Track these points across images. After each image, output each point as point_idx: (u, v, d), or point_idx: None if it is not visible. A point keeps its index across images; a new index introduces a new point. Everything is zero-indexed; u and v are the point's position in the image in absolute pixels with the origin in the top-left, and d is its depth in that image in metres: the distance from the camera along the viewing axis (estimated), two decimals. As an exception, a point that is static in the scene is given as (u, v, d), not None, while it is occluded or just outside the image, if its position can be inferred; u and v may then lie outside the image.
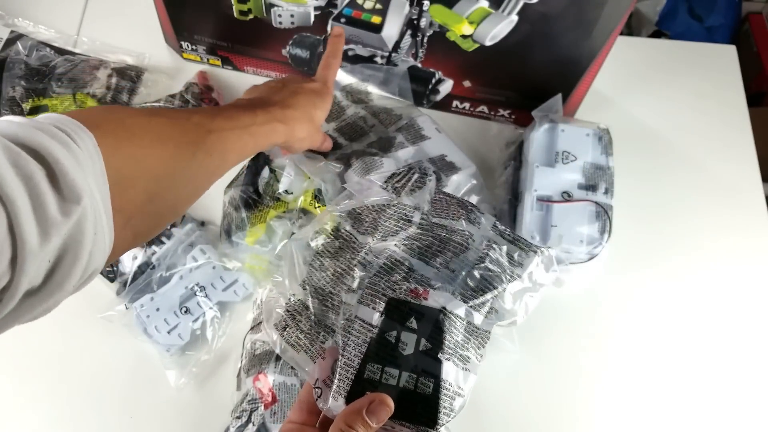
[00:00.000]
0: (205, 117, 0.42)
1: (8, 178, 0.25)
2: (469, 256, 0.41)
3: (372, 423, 0.35)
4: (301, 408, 0.41)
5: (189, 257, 0.63)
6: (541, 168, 0.64)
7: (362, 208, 0.45)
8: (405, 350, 0.38)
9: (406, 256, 0.41)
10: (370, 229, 0.43)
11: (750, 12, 1.47)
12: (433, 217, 0.44)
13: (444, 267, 0.40)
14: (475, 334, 0.41)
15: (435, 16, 0.63)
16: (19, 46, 0.78)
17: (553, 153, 0.65)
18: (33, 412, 0.60)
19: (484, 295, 0.41)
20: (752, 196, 0.72)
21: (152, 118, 0.37)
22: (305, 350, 0.42)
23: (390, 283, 0.39)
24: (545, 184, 0.63)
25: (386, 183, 0.49)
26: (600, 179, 0.64)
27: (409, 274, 0.40)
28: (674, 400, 0.61)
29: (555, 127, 0.66)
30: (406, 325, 0.38)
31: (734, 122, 0.76)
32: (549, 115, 0.67)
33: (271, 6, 0.67)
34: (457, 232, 0.42)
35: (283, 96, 0.52)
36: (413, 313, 0.38)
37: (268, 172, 0.64)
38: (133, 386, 0.61)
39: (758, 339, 0.64)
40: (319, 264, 0.44)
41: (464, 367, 0.39)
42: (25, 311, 0.28)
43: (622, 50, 0.66)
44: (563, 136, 0.65)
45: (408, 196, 0.47)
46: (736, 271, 0.67)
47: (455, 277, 0.40)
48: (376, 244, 0.42)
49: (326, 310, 0.43)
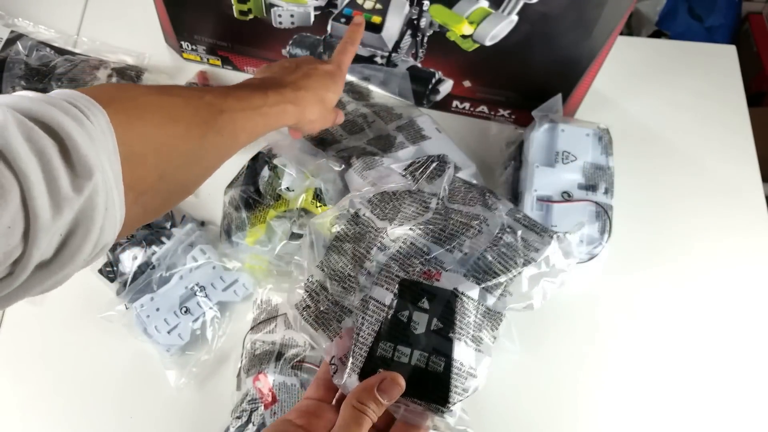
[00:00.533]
0: (217, 97, 0.41)
1: (22, 153, 0.26)
2: (483, 240, 0.41)
3: (383, 400, 0.36)
4: (318, 385, 0.42)
5: (189, 257, 0.63)
6: (541, 168, 0.64)
7: (382, 194, 0.45)
8: (417, 329, 0.38)
9: (421, 240, 0.42)
10: (389, 214, 0.44)
11: (750, 12, 1.47)
12: (449, 203, 0.44)
13: (458, 250, 0.41)
14: (488, 315, 0.41)
15: (435, 16, 0.63)
16: (19, 46, 0.78)
17: (553, 153, 0.65)
18: (33, 412, 0.60)
19: (497, 277, 0.41)
20: (752, 196, 0.72)
21: (164, 97, 0.37)
22: (323, 329, 0.42)
23: (404, 266, 0.40)
24: (545, 184, 0.63)
25: (405, 171, 0.50)
26: (600, 179, 0.64)
27: (423, 256, 0.41)
28: (674, 399, 0.61)
29: (555, 127, 0.66)
30: (418, 305, 0.39)
31: (734, 122, 0.76)
32: (549, 115, 0.67)
33: (271, 6, 0.67)
34: (472, 216, 0.43)
35: (296, 77, 0.51)
36: (425, 293, 0.39)
37: (268, 171, 0.64)
38: (133, 386, 0.61)
39: (758, 339, 0.64)
40: (339, 247, 0.45)
41: (477, 348, 0.40)
42: (35, 283, 0.29)
43: (622, 50, 0.66)
44: (563, 136, 0.65)
45: (427, 184, 0.47)
46: (736, 270, 0.67)
47: (468, 259, 0.41)
48: (394, 229, 0.43)
49: (344, 291, 0.44)
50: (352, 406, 0.36)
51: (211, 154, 0.41)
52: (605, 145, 0.66)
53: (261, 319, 0.61)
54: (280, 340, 0.59)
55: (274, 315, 0.60)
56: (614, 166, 0.65)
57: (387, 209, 0.44)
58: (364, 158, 0.60)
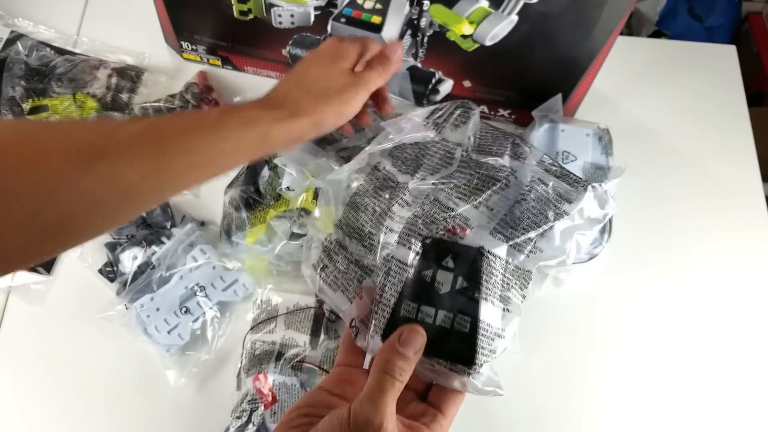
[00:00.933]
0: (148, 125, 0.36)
1: None
2: (512, 194, 0.39)
3: (408, 353, 0.34)
4: (346, 350, 0.40)
5: (189, 257, 0.63)
6: (541, 168, 0.64)
7: (403, 146, 0.42)
8: (441, 289, 0.37)
9: (445, 196, 0.39)
10: (411, 168, 0.41)
11: (750, 12, 1.47)
12: (474, 154, 0.42)
13: (484, 206, 0.38)
14: (516, 274, 0.39)
15: (435, 16, 0.63)
16: (19, 46, 0.78)
17: (553, 153, 0.65)
18: (33, 412, 0.60)
19: (527, 233, 0.38)
20: (752, 196, 0.72)
21: (37, 131, 0.33)
22: (342, 290, 0.41)
23: (427, 223, 0.38)
24: (545, 184, 0.63)
25: (427, 119, 0.46)
26: (600, 179, 0.64)
27: (447, 212, 0.38)
28: (674, 399, 0.61)
29: (555, 127, 0.66)
30: (442, 264, 0.37)
31: (734, 122, 0.76)
32: (549, 115, 0.67)
33: (271, 6, 0.67)
34: (499, 168, 0.40)
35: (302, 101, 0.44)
36: (450, 252, 0.37)
37: (268, 171, 0.64)
38: (133, 386, 0.61)
39: (758, 339, 0.64)
40: (358, 204, 0.42)
41: (505, 307, 0.38)
42: None
43: (622, 50, 0.66)
44: (563, 136, 0.65)
45: (451, 132, 0.44)
46: (736, 270, 0.67)
47: (495, 216, 0.38)
48: (415, 184, 0.40)
49: (364, 250, 0.41)
50: (380, 369, 0.34)
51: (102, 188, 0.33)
52: (605, 145, 0.66)
53: (261, 319, 0.61)
54: (280, 340, 0.59)
55: (274, 315, 0.61)
56: (614, 166, 0.65)
57: (409, 162, 0.41)
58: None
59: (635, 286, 0.66)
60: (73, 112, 0.71)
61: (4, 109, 0.72)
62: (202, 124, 0.38)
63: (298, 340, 0.58)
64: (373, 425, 0.32)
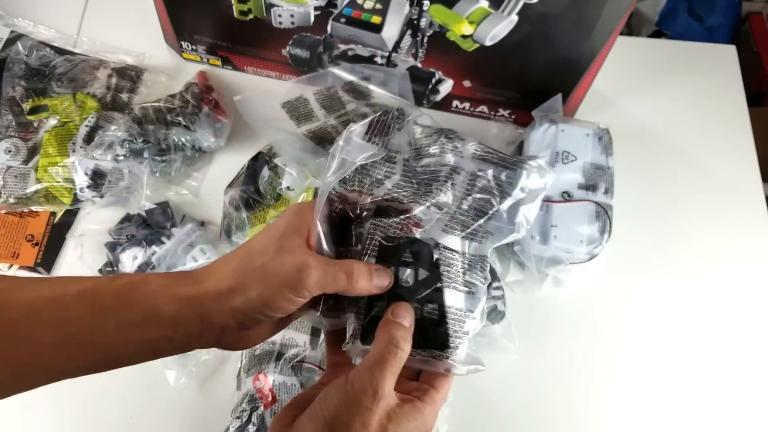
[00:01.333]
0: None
1: None
2: (458, 190, 0.41)
3: (404, 322, 0.36)
4: (332, 351, 0.41)
5: (189, 257, 0.63)
6: (541, 168, 0.64)
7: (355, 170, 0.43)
8: (407, 283, 0.38)
9: (397, 204, 0.41)
10: (358, 186, 0.42)
11: (750, 12, 1.47)
12: (414, 159, 0.44)
13: (433, 205, 0.40)
14: (474, 259, 0.41)
15: (435, 16, 0.63)
16: (19, 46, 0.78)
17: (553, 153, 0.65)
18: (33, 413, 0.60)
19: (476, 221, 0.41)
20: (752, 196, 0.72)
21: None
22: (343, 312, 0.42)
23: (382, 229, 0.40)
24: (545, 184, 0.63)
25: (366, 135, 0.47)
26: (600, 179, 0.64)
27: (400, 215, 0.40)
28: (674, 399, 0.61)
29: (555, 127, 0.66)
30: (402, 260, 0.39)
31: (734, 122, 0.76)
32: (549, 115, 0.67)
33: (271, 6, 0.67)
34: (440, 168, 0.42)
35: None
36: (406, 247, 0.39)
37: (268, 171, 0.64)
38: (133, 386, 0.61)
39: (758, 339, 0.64)
40: (325, 234, 0.43)
41: (468, 290, 0.40)
42: None
43: (622, 50, 0.66)
44: (563, 136, 0.65)
45: (392, 140, 0.46)
46: (736, 270, 0.67)
47: (446, 213, 0.40)
48: (367, 200, 0.42)
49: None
50: (380, 341, 0.35)
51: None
52: (605, 145, 0.66)
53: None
54: (280, 340, 0.59)
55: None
56: (614, 166, 0.65)
57: (364, 182, 0.42)
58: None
59: (635, 285, 0.66)
60: (73, 112, 0.71)
61: (4, 109, 0.72)
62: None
63: (298, 340, 0.58)
64: (368, 392, 0.33)
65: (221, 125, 0.72)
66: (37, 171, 0.68)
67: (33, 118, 0.71)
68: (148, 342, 0.34)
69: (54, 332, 0.32)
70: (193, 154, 0.71)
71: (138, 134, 0.66)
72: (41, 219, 0.70)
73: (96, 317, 0.33)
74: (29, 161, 0.69)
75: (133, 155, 0.67)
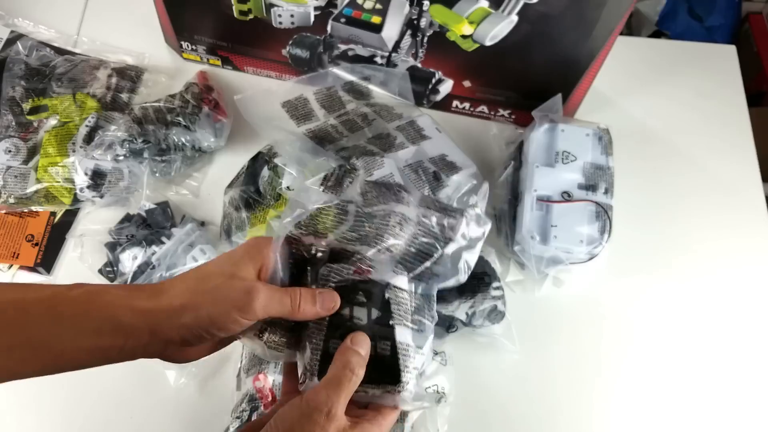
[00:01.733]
0: None
1: None
2: (405, 233, 0.44)
3: (361, 351, 0.38)
4: (289, 380, 0.43)
5: (189, 257, 0.63)
6: (540, 168, 0.64)
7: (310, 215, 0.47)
8: (360, 322, 0.41)
9: (349, 246, 0.44)
10: (311, 229, 0.45)
11: (750, 12, 1.47)
12: (365, 207, 0.47)
13: (384, 249, 0.44)
14: (422, 298, 0.44)
15: (435, 16, 0.63)
16: (19, 46, 0.78)
17: (553, 153, 0.65)
18: (33, 413, 0.60)
19: (422, 263, 0.44)
20: (752, 196, 0.72)
21: None
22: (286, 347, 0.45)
23: (336, 270, 0.43)
24: (545, 184, 0.63)
25: (322, 185, 0.54)
26: (600, 179, 0.64)
27: (353, 257, 0.43)
28: (674, 398, 0.61)
29: (555, 127, 0.66)
30: (356, 300, 0.42)
31: (734, 122, 0.76)
32: (549, 115, 0.67)
33: (271, 6, 0.67)
34: (389, 214, 0.45)
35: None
36: (359, 289, 0.42)
37: (267, 171, 0.64)
38: (134, 386, 0.61)
39: (758, 339, 0.64)
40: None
41: (417, 328, 0.43)
42: None
43: (622, 50, 0.66)
44: (563, 136, 0.65)
45: (343, 191, 0.50)
46: (735, 270, 0.67)
47: (394, 256, 0.44)
48: (321, 241, 0.45)
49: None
50: (336, 365, 0.37)
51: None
52: (605, 145, 0.66)
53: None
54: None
55: (274, 315, 0.61)
56: (614, 166, 0.65)
57: (318, 226, 0.46)
58: (365, 158, 0.60)
59: (635, 285, 0.66)
60: (73, 112, 0.71)
61: (4, 109, 0.72)
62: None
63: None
64: (323, 410, 0.35)
65: (221, 125, 0.72)
66: (37, 171, 0.68)
67: (33, 118, 0.71)
68: (100, 349, 0.36)
69: (13, 335, 0.34)
70: (193, 154, 0.71)
71: (138, 134, 0.66)
72: (41, 219, 0.70)
73: (54, 323, 0.35)
74: (29, 161, 0.69)
75: (133, 155, 0.67)
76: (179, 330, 0.36)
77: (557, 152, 0.65)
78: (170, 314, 0.36)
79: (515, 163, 0.68)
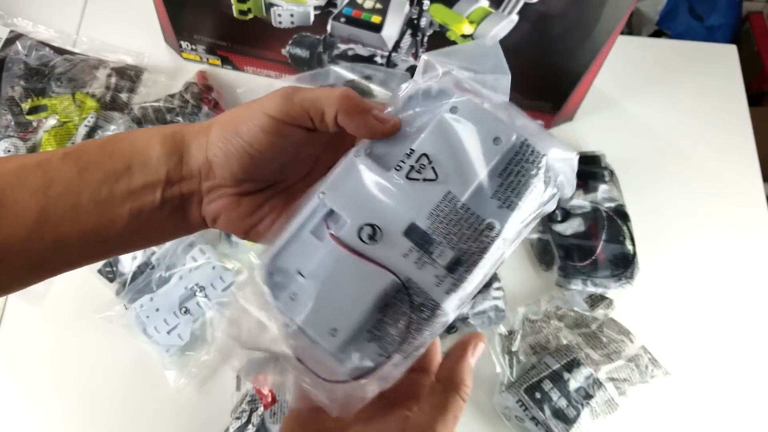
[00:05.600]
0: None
1: None
2: None
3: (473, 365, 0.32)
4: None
5: (188, 257, 0.63)
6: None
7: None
8: None
9: None
10: None
11: (750, 12, 1.47)
12: None
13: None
14: None
15: (435, 16, 0.63)
16: (18, 45, 0.77)
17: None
18: (33, 413, 0.60)
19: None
20: (753, 195, 0.72)
21: None
22: None
23: None
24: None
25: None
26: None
27: None
28: (674, 398, 0.61)
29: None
30: None
31: (735, 122, 0.76)
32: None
33: (271, 6, 0.67)
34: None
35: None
36: None
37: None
38: (133, 386, 0.61)
39: (758, 338, 0.64)
40: None
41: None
42: None
43: (622, 50, 0.66)
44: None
45: None
46: (736, 270, 0.67)
47: None
48: None
49: None
50: (450, 386, 0.31)
51: None
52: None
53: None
54: (280, 340, 0.59)
55: (274, 315, 0.60)
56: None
57: None
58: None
59: (635, 285, 0.66)
60: (73, 112, 0.71)
61: (4, 108, 0.72)
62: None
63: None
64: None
65: (221, 125, 0.71)
66: (36, 171, 0.68)
67: (32, 117, 0.71)
68: (133, 195, 0.32)
69: (40, 197, 0.30)
70: (193, 154, 0.70)
71: (137, 134, 0.66)
72: (41, 219, 0.70)
73: (81, 174, 0.31)
74: (29, 161, 0.69)
75: (133, 155, 0.67)
76: (206, 151, 0.32)
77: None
78: (198, 132, 0.32)
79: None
